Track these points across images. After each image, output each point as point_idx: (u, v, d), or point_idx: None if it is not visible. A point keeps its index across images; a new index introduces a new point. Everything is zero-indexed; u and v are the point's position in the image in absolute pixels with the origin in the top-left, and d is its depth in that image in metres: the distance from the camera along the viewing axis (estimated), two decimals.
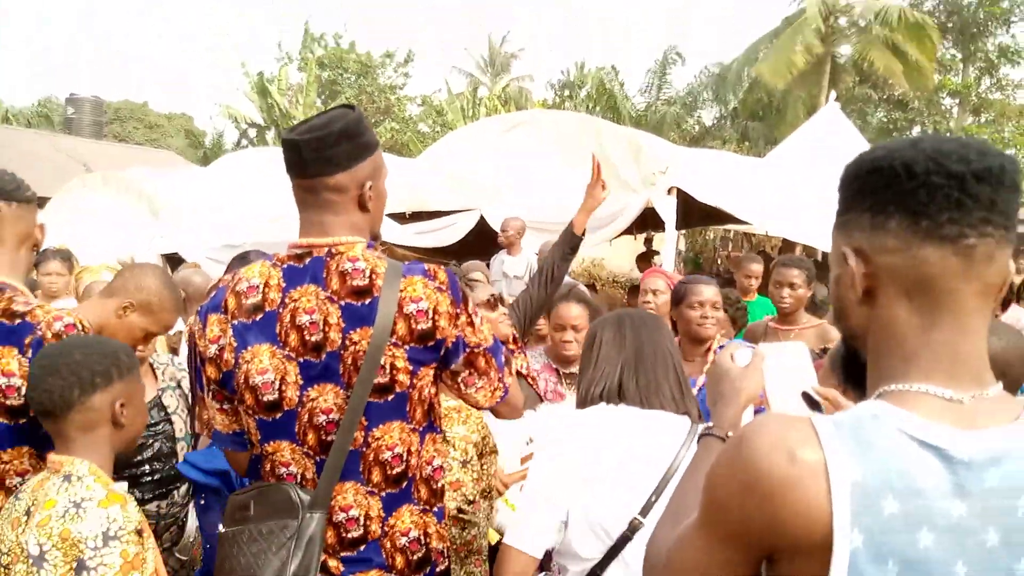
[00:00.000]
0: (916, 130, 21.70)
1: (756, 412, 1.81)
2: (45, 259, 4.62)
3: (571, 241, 2.87)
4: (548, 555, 1.70)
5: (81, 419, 1.53)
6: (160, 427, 3.00)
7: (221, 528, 1.58)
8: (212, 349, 1.55)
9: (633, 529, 1.57)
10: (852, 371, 0.97)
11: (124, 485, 1.64)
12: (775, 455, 0.79)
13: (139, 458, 2.51)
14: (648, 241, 8.94)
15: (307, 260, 1.55)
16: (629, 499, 1.59)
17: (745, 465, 0.81)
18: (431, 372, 1.57)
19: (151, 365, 3.12)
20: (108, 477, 1.54)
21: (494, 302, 2.82)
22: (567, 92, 26.05)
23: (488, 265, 5.97)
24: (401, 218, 6.91)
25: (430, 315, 1.52)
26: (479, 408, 1.71)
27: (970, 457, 0.79)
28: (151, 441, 2.91)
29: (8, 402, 1.65)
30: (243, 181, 7.97)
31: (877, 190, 0.86)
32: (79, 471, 1.50)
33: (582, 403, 1.77)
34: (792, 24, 19.60)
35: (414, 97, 30.13)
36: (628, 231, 6.57)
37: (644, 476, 1.61)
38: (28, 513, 1.45)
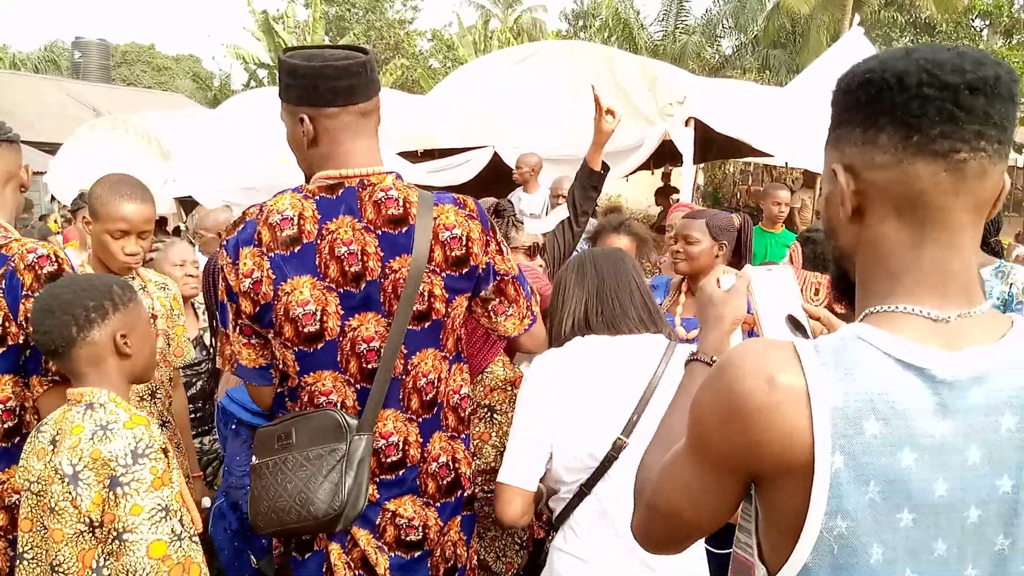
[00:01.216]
0: None
1: (749, 336, 1.81)
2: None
3: (591, 179, 2.77)
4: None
5: (86, 354, 1.56)
6: (202, 366, 3.03)
7: (255, 460, 1.58)
8: (246, 283, 1.53)
9: (618, 449, 1.62)
10: (845, 292, 0.95)
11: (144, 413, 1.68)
12: (755, 380, 0.78)
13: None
14: (666, 176, 8.77)
15: (339, 191, 1.55)
16: (611, 421, 1.64)
17: (726, 391, 0.81)
18: (464, 301, 1.62)
19: (192, 305, 3.12)
20: (127, 404, 1.58)
21: (534, 250, 2.73)
22: (581, 22, 25.32)
23: None
24: (413, 156, 6.80)
25: (463, 241, 1.57)
26: (508, 337, 1.74)
27: (953, 377, 0.79)
28: (194, 380, 2.94)
29: None
30: (253, 121, 7.87)
31: (868, 102, 0.82)
32: (100, 399, 1.54)
33: (555, 342, 1.80)
34: None
35: (424, 32, 29.49)
36: (645, 166, 6.43)
37: (623, 397, 1.65)
38: (54, 442, 1.50)
